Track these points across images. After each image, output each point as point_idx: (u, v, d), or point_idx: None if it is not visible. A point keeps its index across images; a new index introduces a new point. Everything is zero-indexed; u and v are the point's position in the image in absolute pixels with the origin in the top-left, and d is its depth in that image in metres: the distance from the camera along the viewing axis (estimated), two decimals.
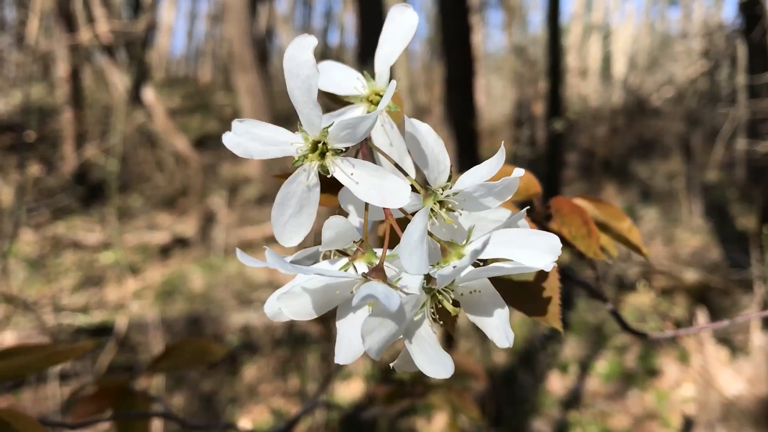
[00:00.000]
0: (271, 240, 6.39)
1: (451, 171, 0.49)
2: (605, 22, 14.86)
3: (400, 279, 0.46)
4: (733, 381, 3.33)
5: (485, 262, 0.47)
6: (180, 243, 6.53)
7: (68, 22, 7.17)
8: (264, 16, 10.08)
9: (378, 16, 4.81)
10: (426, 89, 11.27)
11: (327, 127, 0.49)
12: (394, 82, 0.50)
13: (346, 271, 0.49)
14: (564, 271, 0.85)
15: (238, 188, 7.71)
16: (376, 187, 0.47)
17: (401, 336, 0.45)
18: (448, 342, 3.84)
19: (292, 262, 0.52)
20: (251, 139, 0.50)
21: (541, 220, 0.71)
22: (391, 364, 0.49)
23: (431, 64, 12.19)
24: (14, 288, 4.68)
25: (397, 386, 1.13)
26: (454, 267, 0.44)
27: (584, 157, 9.47)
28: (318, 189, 0.50)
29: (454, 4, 4.99)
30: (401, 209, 0.50)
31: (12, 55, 7.06)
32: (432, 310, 0.47)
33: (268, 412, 3.81)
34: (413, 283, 0.46)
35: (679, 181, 8.08)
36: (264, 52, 7.65)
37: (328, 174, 0.49)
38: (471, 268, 0.45)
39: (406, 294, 0.45)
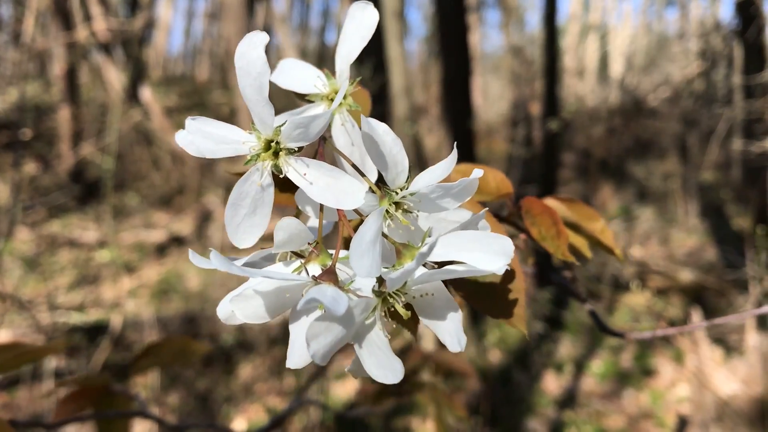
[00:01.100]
0: (266, 238, 6.39)
1: (410, 171, 0.48)
2: (602, 23, 14.88)
3: (353, 282, 0.46)
4: (728, 381, 3.33)
5: (440, 264, 0.46)
6: (176, 241, 6.52)
7: (65, 19, 7.15)
8: (261, 14, 10.07)
9: None
10: (423, 89, 11.28)
11: (280, 126, 0.48)
12: (346, 82, 0.50)
13: (299, 273, 0.48)
14: (543, 272, 0.85)
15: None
16: (330, 187, 0.47)
17: (350, 340, 0.44)
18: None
19: (247, 263, 0.51)
20: (204, 137, 0.49)
21: (515, 219, 0.71)
22: (345, 369, 0.49)
23: (428, 63, 12.21)
24: (9, 286, 4.67)
25: (385, 385, 1.13)
26: (404, 270, 0.43)
27: (581, 157, 9.48)
28: (272, 189, 0.49)
29: (452, 3, 4.99)
30: (357, 211, 0.49)
31: (8, 52, 7.04)
32: (384, 313, 0.46)
33: (263, 411, 3.81)
34: (366, 286, 0.45)
35: (675, 181, 8.10)
36: None
37: (282, 174, 0.48)
38: (423, 270, 0.45)
39: (358, 297, 0.44)
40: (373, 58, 4.63)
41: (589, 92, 12.11)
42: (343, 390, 3.94)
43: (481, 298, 0.52)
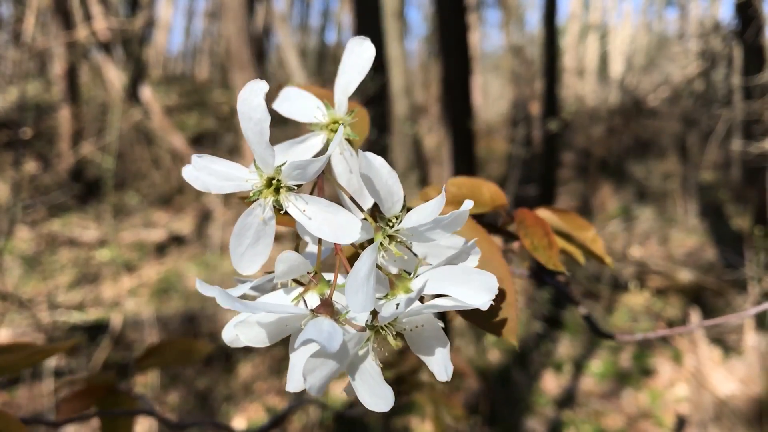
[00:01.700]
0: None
1: (405, 200, 0.51)
2: (602, 22, 14.88)
3: (348, 312, 0.48)
4: (726, 381, 3.34)
5: (430, 296, 0.49)
6: (176, 241, 6.53)
7: (65, 19, 7.16)
8: (261, 13, 10.07)
9: (375, 15, 4.81)
10: (423, 88, 11.28)
11: (280, 166, 0.50)
12: (342, 127, 0.52)
13: (297, 303, 0.51)
14: (538, 275, 0.87)
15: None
16: (327, 222, 0.49)
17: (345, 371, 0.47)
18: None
19: (253, 287, 0.55)
20: (209, 174, 0.52)
21: (508, 229, 0.74)
22: (342, 390, 0.51)
23: (428, 63, 12.21)
24: (9, 285, 4.68)
25: None
26: (397, 305, 0.45)
27: (580, 157, 9.49)
28: (273, 222, 0.52)
29: (452, 3, 4.99)
30: (352, 244, 0.51)
31: (8, 51, 7.05)
32: (376, 345, 0.48)
33: (263, 410, 3.82)
34: (361, 316, 0.48)
35: (674, 181, 8.11)
36: (261, 50, 7.66)
37: (282, 210, 0.51)
38: (415, 303, 0.46)
39: (354, 328, 0.47)
40: (375, 58, 4.63)
41: (588, 92, 12.12)
42: (341, 389, 3.94)
43: (473, 314, 0.54)
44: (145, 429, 3.22)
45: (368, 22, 5.19)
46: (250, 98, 0.49)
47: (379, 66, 4.38)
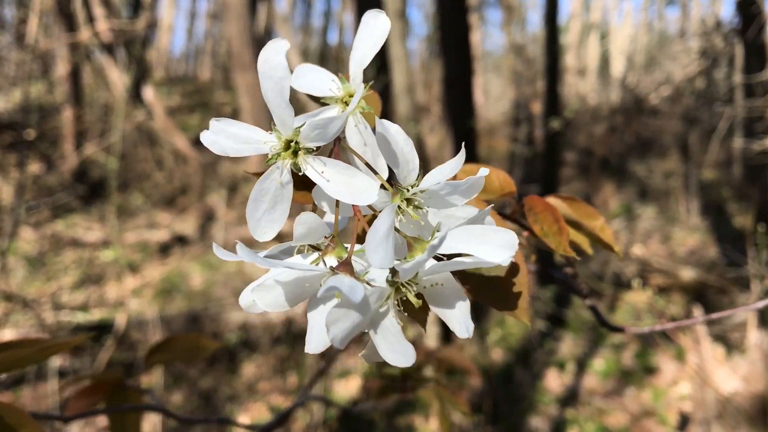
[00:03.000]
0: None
1: (420, 169, 0.51)
2: (603, 21, 14.87)
3: (367, 272, 0.49)
4: (729, 379, 3.35)
5: (449, 257, 0.49)
6: (179, 241, 6.54)
7: (68, 20, 7.18)
8: (263, 14, 10.08)
9: None
10: (425, 88, 11.28)
11: (299, 127, 0.50)
12: (362, 86, 0.53)
13: (317, 265, 0.51)
14: (545, 267, 0.88)
15: (237, 186, 7.72)
16: (345, 184, 0.49)
17: (366, 327, 0.47)
18: (446, 338, 3.85)
19: (267, 256, 0.54)
20: (227, 137, 0.52)
21: (517, 217, 0.74)
22: (359, 354, 0.51)
23: (430, 62, 12.21)
24: (14, 286, 4.69)
25: (389, 381, 1.15)
26: (416, 261, 0.46)
27: (582, 156, 9.48)
28: (291, 186, 0.52)
29: (453, 2, 5.00)
30: (370, 206, 0.52)
31: (12, 53, 7.06)
32: (397, 302, 0.49)
33: (266, 410, 3.83)
34: (380, 276, 0.48)
35: (676, 179, 8.10)
36: None
37: (300, 172, 0.51)
38: (433, 262, 0.47)
39: (372, 286, 0.47)
40: (376, 58, 4.64)
41: (590, 91, 12.11)
42: (346, 389, 3.96)
43: (486, 291, 0.55)
44: (151, 425, 3.24)
45: None
46: (272, 57, 0.49)
47: (382, 66, 4.39)
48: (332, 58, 15.54)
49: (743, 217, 6.74)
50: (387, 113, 4.58)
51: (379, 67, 4.49)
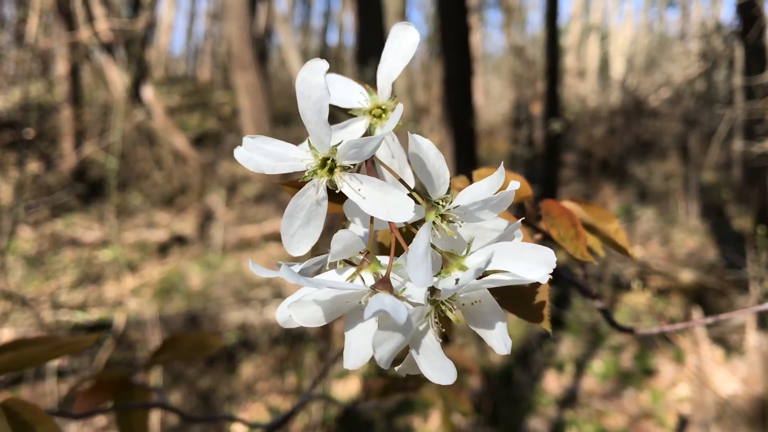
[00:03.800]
0: (269, 238, 6.42)
1: (450, 183, 0.52)
2: (603, 23, 14.89)
3: (405, 289, 0.49)
4: (728, 381, 3.35)
5: (484, 273, 0.49)
6: (178, 241, 6.54)
7: (68, 19, 7.18)
8: (263, 14, 10.07)
9: (377, 16, 4.82)
10: (424, 89, 11.28)
11: (336, 146, 0.51)
12: (400, 106, 0.53)
13: (352, 281, 0.52)
14: (557, 271, 0.88)
15: (236, 186, 7.72)
16: (381, 201, 0.50)
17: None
18: (444, 339, 3.87)
19: (301, 270, 0.55)
20: (262, 154, 0.52)
21: (531, 221, 0.74)
22: (395, 368, 0.52)
23: (430, 63, 12.21)
24: (12, 285, 4.69)
25: (391, 381, 1.15)
26: (458, 280, 0.46)
27: (582, 158, 9.49)
28: (326, 203, 0.52)
29: (453, 4, 5.00)
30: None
31: (11, 52, 7.06)
32: (435, 320, 0.49)
33: (265, 410, 3.82)
34: (418, 293, 0.48)
35: (676, 181, 8.11)
36: (263, 50, 7.66)
37: (337, 189, 0.51)
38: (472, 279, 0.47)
39: (412, 304, 0.48)
40: (377, 60, 4.65)
41: (590, 92, 12.12)
42: (345, 389, 3.95)
43: (511, 300, 0.55)
44: (156, 419, 3.23)
45: (370, 23, 5.21)
46: (310, 77, 0.50)
47: None
48: (332, 59, 15.56)
49: (743, 219, 6.75)
50: None
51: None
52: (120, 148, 5.19)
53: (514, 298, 0.56)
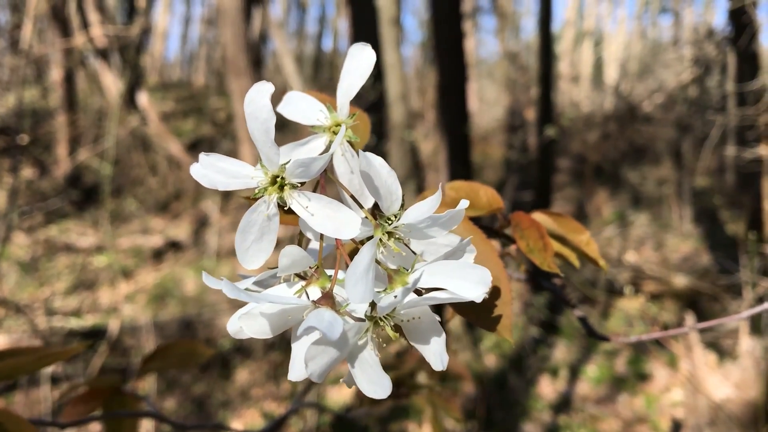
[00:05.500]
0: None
1: (403, 199, 0.53)
2: (597, 29, 14.96)
3: (348, 304, 0.50)
4: (721, 385, 3.36)
5: (427, 290, 0.51)
6: (173, 246, 6.53)
7: (62, 25, 7.17)
8: (258, 20, 10.08)
9: (371, 22, 4.83)
10: (419, 94, 11.31)
11: (285, 164, 0.52)
12: (344, 126, 0.55)
13: (300, 296, 0.53)
14: (535, 278, 0.89)
15: (231, 192, 7.71)
16: (329, 218, 0.51)
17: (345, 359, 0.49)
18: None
19: (257, 282, 0.57)
20: (216, 171, 0.54)
21: (505, 232, 0.75)
22: (341, 380, 0.53)
23: (424, 69, 12.24)
24: (6, 291, 4.68)
25: None
26: (395, 297, 0.48)
27: (576, 163, 9.52)
28: (277, 218, 0.54)
29: (447, 10, 5.02)
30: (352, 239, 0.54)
31: (6, 58, 7.05)
32: (374, 336, 0.50)
33: (259, 416, 3.82)
34: (361, 308, 0.50)
35: (669, 186, 8.14)
36: (258, 56, 7.66)
37: (286, 206, 0.53)
38: (412, 296, 0.49)
39: (353, 319, 0.49)
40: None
41: (584, 98, 12.17)
42: (339, 395, 3.95)
43: (469, 311, 0.57)
44: (147, 429, 3.22)
45: (365, 29, 5.22)
46: (257, 99, 0.52)
47: (377, 73, 4.40)
48: (327, 64, 15.57)
49: (736, 224, 6.78)
50: (382, 121, 4.60)
51: (375, 74, 4.50)
52: (114, 153, 5.19)
53: (473, 307, 0.57)
